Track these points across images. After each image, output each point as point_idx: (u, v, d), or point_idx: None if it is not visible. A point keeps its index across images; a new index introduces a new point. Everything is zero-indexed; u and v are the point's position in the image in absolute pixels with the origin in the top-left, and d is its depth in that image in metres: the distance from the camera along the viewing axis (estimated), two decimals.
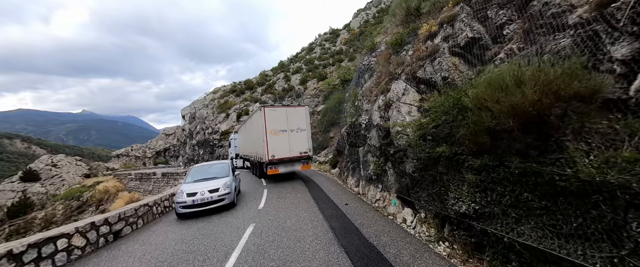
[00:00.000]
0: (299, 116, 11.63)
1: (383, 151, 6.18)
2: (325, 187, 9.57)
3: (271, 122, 10.76)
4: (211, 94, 40.01)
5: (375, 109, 6.48)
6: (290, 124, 11.20)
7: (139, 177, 26.53)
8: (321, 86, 31.72)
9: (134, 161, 52.92)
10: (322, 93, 30.53)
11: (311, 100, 30.32)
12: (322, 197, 7.99)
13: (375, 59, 8.09)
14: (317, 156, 21.64)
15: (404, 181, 5.23)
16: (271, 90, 37.07)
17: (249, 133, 14.80)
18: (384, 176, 6.38)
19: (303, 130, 11.61)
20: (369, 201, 7.24)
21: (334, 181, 10.98)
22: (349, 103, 10.42)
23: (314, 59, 41.14)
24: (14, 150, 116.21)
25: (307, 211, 6.58)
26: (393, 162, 5.76)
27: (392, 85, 6.15)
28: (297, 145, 11.32)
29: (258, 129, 11.38)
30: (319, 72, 35.54)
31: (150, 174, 25.28)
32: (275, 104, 33.38)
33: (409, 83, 6.01)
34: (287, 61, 43.94)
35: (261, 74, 42.24)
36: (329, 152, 20.33)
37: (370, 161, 7.32)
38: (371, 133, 6.84)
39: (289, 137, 11.11)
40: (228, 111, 35.01)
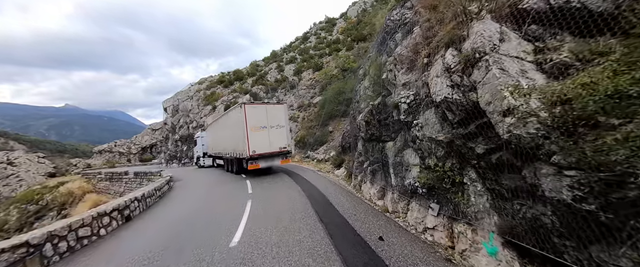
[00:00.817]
0: (278, 113, 11.93)
1: (456, 148, 3.40)
2: (335, 198, 6.80)
3: (252, 119, 10.88)
4: (196, 85, 36.32)
5: (436, 74, 3.67)
6: (270, 120, 11.43)
7: (109, 177, 23.02)
8: (317, 76, 28.76)
9: (117, 157, 48.57)
10: (318, 84, 27.61)
11: (306, 92, 27.38)
12: (334, 219, 5.18)
13: (414, 7, 5.27)
14: (314, 152, 18.81)
15: (528, 214, 2.49)
16: (263, 81, 33.80)
17: (223, 130, 14.51)
18: (451, 193, 3.61)
19: (282, 127, 11.87)
20: (413, 228, 4.51)
21: (342, 188, 8.21)
22: (366, 82, 7.61)
23: (309, 49, 38.00)
24: None
25: (318, 255, 3.80)
26: (485, 171, 3.01)
27: (475, 28, 3.35)
28: (277, 140, 11.62)
29: (238, 125, 11.34)
30: (314, 62, 32.52)
31: (121, 173, 21.85)
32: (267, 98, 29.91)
33: (506, 23, 3.25)
34: (280, 51, 40.58)
35: (252, 64, 38.79)
36: (329, 148, 17.53)
37: (412, 164, 4.58)
38: (423, 116, 4.04)
39: (269, 133, 11.35)
40: (215, 103, 31.59)
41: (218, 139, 16.13)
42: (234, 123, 12.18)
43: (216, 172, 16.56)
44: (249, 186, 9.54)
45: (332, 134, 19.52)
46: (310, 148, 19.75)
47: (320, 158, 16.22)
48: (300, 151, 20.39)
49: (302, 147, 20.57)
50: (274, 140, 11.66)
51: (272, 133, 11.61)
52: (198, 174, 17.16)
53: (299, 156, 19.48)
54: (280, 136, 11.92)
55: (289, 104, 27.33)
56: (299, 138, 21.12)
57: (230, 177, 12.76)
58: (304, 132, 21.21)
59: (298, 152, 20.42)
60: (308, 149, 19.68)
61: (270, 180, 10.47)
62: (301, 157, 19.22)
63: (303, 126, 22.20)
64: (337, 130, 19.70)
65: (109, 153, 48.40)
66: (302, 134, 21.16)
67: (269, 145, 11.46)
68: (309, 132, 20.99)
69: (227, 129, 13.65)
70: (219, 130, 15.81)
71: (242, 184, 10.17)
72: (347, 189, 8.01)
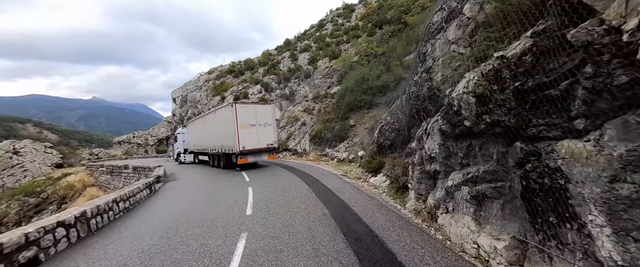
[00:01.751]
0: (267, 112, 12.62)
1: None
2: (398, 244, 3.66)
3: (242, 117, 11.42)
4: (206, 75, 33.99)
5: None
6: (258, 119, 12.00)
7: (110, 171, 21.07)
8: (335, 64, 25.47)
9: (135, 148, 48.08)
10: (336, 72, 24.34)
11: (323, 81, 24.19)
12: None
13: None
14: (333, 149, 15.70)
15: None
16: (275, 70, 30.90)
17: (210, 127, 14.67)
18: None
19: (270, 125, 12.52)
20: None
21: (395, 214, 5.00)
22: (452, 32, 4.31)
23: (324, 36, 34.58)
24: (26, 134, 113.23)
25: None
26: None
27: None
28: (265, 137, 12.21)
29: (228, 123, 11.75)
30: (331, 50, 29.17)
31: (121, 167, 19.78)
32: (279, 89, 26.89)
33: None
34: (294, 39, 37.42)
35: (264, 53, 35.93)
36: (353, 146, 14.35)
37: None
38: None
39: (258, 130, 11.91)
40: (224, 94, 29.09)
41: (203, 136, 15.83)
42: (224, 120, 12.39)
43: (206, 171, 13.97)
44: (249, 201, 6.57)
45: (354, 129, 16.32)
46: (328, 144, 16.67)
47: (342, 157, 13.10)
48: (316, 147, 17.35)
49: (318, 143, 17.52)
50: (262, 137, 12.20)
51: (260, 131, 12.12)
52: (190, 171, 14.61)
53: (315, 154, 16.44)
54: (267, 133, 12.47)
55: (303, 94, 24.32)
56: (314, 133, 18.05)
57: (226, 182, 9.93)
58: (321, 126, 18.10)
59: (313, 148, 17.40)
60: (325, 146, 16.60)
61: (280, 189, 7.49)
62: (317, 154, 16.18)
63: (319, 119, 19.10)
64: (360, 124, 16.48)
65: (127, 144, 47.76)
66: (319, 128, 18.06)
67: (258, 141, 11.99)
68: (326, 126, 17.87)
69: (215, 126, 13.74)
70: (204, 127, 15.62)
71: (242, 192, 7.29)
72: (405, 216, 4.85)
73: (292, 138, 19.23)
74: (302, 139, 18.56)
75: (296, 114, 21.50)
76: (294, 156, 17.77)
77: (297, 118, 20.86)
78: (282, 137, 20.12)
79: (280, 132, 21.09)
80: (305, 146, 18.00)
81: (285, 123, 21.75)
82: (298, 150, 18.06)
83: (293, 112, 22.29)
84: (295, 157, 17.41)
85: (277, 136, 13.01)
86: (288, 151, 18.65)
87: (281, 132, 20.96)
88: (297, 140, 18.81)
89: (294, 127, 20.24)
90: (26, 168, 23.77)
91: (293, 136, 19.32)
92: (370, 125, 15.03)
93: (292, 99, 24.75)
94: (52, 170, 25.53)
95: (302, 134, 18.97)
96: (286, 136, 19.91)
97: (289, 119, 21.80)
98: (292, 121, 21.06)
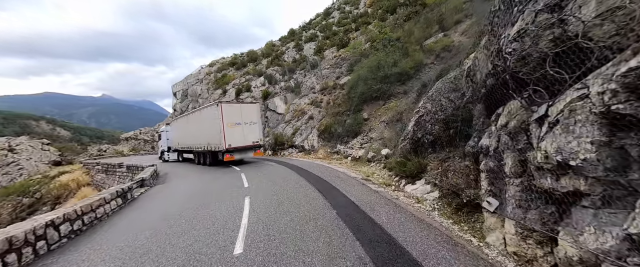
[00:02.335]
0: (252, 111, 12.97)
1: None
2: None
3: (228, 116, 11.70)
4: (207, 67, 32.10)
5: None
6: (244, 117, 12.35)
7: (105, 169, 19.57)
8: (344, 53, 23.23)
9: (142, 144, 47.22)
10: (345, 62, 22.13)
11: (331, 71, 22.02)
12: None
13: None
14: (345, 146, 13.68)
15: None
16: (279, 61, 28.79)
17: (195, 125, 14.67)
18: None
19: (255, 123, 12.86)
20: None
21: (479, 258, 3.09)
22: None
23: (331, 25, 32.16)
24: (40, 131, 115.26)
25: None
26: None
27: None
28: (251, 135, 12.54)
29: (214, 121, 11.92)
30: (339, 38, 26.85)
31: (115, 165, 18.21)
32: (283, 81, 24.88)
33: None
34: (299, 29, 35.11)
35: (267, 45, 33.76)
36: (368, 141, 12.31)
37: None
38: None
39: (243, 128, 12.23)
40: (225, 87, 27.21)
41: (189, 134, 15.68)
42: (209, 119, 12.54)
43: (198, 171, 12.29)
44: (242, 228, 4.64)
45: (369, 123, 14.24)
46: (340, 140, 14.65)
47: (358, 155, 11.08)
48: (326, 143, 15.35)
49: (328, 139, 15.51)
50: (248, 135, 12.43)
51: (246, 129, 12.34)
52: (182, 170, 12.85)
53: (325, 151, 14.46)
54: (253, 131, 12.69)
55: (309, 86, 22.24)
56: (323, 127, 16.02)
57: (221, 188, 8.03)
58: (330, 120, 16.05)
59: (323, 145, 15.41)
60: (336, 142, 14.59)
61: (286, 201, 5.53)
62: (327, 152, 14.19)
63: (328, 112, 17.03)
64: (374, 117, 14.39)
65: (134, 140, 46.82)
66: (328, 122, 16.02)
67: (244, 139, 12.23)
68: (336, 119, 15.81)
69: (201, 125, 13.78)
70: (189, 125, 15.52)
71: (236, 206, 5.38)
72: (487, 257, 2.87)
73: (298, 133, 17.25)
74: (310, 134, 16.57)
75: (302, 107, 19.47)
76: (300, 153, 15.84)
77: (303, 111, 18.84)
78: (287, 133, 18.18)
79: (285, 127, 19.15)
80: (313, 142, 16.02)
81: (291, 117, 19.76)
82: (305, 146, 16.10)
83: (299, 105, 20.26)
84: (302, 155, 15.48)
85: (262, 134, 13.11)
86: (294, 148, 16.72)
87: (286, 127, 19.01)
88: (304, 135, 16.83)
89: (300, 121, 18.25)
90: (22, 166, 22.49)
91: (299, 131, 17.34)
92: (388, 118, 12.94)
93: (297, 91, 22.69)
94: (50, 168, 24.29)
95: (310, 129, 16.97)
96: (292, 131, 17.95)
97: (294, 112, 19.79)
98: (298, 115, 19.06)
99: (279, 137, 17.81)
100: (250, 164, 12.93)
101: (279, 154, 17.22)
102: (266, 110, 23.30)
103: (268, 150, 18.84)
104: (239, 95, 25.93)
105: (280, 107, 22.13)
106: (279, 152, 17.48)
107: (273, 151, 18.02)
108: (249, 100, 20.24)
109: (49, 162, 24.75)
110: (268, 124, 22.41)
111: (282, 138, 17.68)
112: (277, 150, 17.73)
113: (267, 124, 22.47)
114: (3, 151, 22.82)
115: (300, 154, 15.59)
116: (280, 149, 17.53)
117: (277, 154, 17.47)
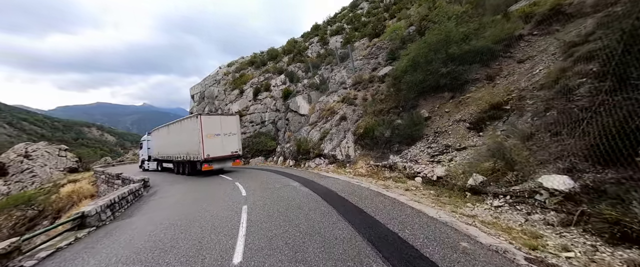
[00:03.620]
0: (231, 123, 13.03)
1: None
2: None
3: (207, 127, 11.85)
4: (225, 68, 29.39)
5: None
6: (223, 129, 12.47)
7: (106, 180, 16.92)
8: (380, 41, 18.76)
9: None
10: (381, 51, 17.62)
11: (365, 63, 17.59)
12: None
13: None
14: (400, 157, 9.09)
15: None
16: (301, 57, 25.03)
17: (176, 136, 14.56)
18: None
19: (234, 134, 12.89)
20: None
21: None
22: None
23: (360, 16, 27.91)
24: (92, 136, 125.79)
25: None
26: None
27: None
28: (230, 146, 12.59)
29: (193, 132, 12.22)
30: (371, 27, 22.44)
31: (114, 176, 15.37)
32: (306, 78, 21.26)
33: None
34: (323, 24, 31.32)
35: (289, 42, 30.33)
36: (441, 150, 7.59)
37: None
38: None
39: (222, 139, 12.36)
40: (243, 87, 23.97)
41: (169, 144, 15.60)
42: (189, 130, 12.78)
43: (185, 191, 8.19)
44: None
45: (433, 123, 9.54)
46: (388, 148, 10.09)
47: (433, 174, 6.44)
48: (367, 152, 10.84)
49: (369, 146, 10.99)
50: (227, 145, 12.48)
51: (225, 139, 12.44)
52: (168, 187, 9.06)
53: (366, 163, 9.95)
54: (232, 142, 12.73)
55: (338, 80, 17.96)
56: (361, 130, 11.55)
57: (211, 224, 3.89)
58: (371, 121, 11.53)
59: (363, 154, 10.91)
60: (384, 150, 10.03)
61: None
62: (371, 165, 9.65)
63: (367, 111, 12.56)
64: (439, 115, 9.66)
65: None
66: (368, 123, 11.51)
67: (222, 149, 12.29)
68: (380, 120, 11.28)
69: (181, 135, 13.82)
70: (170, 135, 15.47)
71: None
72: None
73: (328, 139, 12.93)
74: (343, 139, 12.17)
75: (331, 105, 15.21)
76: (332, 166, 11.47)
77: (332, 111, 14.56)
78: (313, 138, 13.96)
79: (309, 130, 14.99)
80: (348, 150, 11.60)
81: (317, 118, 15.58)
82: (338, 156, 11.72)
83: (326, 103, 16.04)
84: (335, 168, 11.10)
85: (241, 144, 13.36)
86: (323, 158, 12.42)
87: (311, 130, 14.84)
88: (335, 141, 12.48)
89: (330, 123, 13.96)
90: (35, 173, 20.86)
91: (329, 136, 13.01)
92: (472, 115, 8.16)
93: (323, 88, 18.56)
94: (64, 175, 22.66)
95: (342, 133, 12.59)
96: (319, 135, 13.69)
97: (321, 112, 15.59)
98: (325, 115, 14.82)
99: (302, 144, 13.65)
100: (262, 184, 8.83)
101: (303, 166, 13.01)
102: (287, 111, 19.42)
103: (288, 159, 14.76)
104: (257, 96, 22.46)
105: (303, 107, 18.11)
106: (302, 163, 13.28)
107: (295, 161, 13.89)
108: (231, 113, 19.96)
109: (64, 169, 23.13)
110: (289, 127, 18.45)
111: (306, 145, 13.50)
112: (300, 160, 13.56)
113: (288, 128, 18.52)
114: (19, 157, 21.48)
115: (332, 167, 11.22)
116: (304, 158, 13.33)
117: (300, 165, 13.28)
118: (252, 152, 18.66)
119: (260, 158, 18.31)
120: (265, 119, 20.85)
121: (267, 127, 20.34)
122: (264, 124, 20.63)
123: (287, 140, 17.29)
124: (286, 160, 15.08)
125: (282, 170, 12.29)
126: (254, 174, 11.40)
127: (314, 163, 12.48)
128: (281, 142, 18.13)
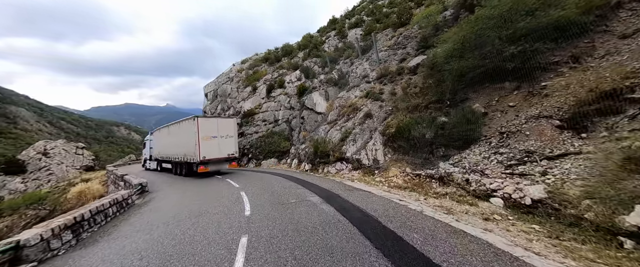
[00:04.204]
0: (228, 125, 12.94)
1: None
2: None
3: (203, 130, 11.75)
4: (239, 65, 28.21)
5: None
6: (220, 131, 12.34)
7: (114, 181, 16.02)
8: (407, 30, 16.47)
9: None
10: (409, 40, 15.34)
11: (391, 53, 15.36)
12: None
13: None
14: (452, 164, 6.87)
15: None
16: (317, 52, 23.15)
17: (174, 137, 14.58)
18: None
19: (231, 137, 12.77)
20: None
21: None
22: None
23: (381, 7, 25.56)
24: (120, 135, 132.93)
25: None
26: None
27: None
28: (226, 148, 12.46)
29: (190, 134, 12.11)
30: (396, 16, 20.10)
31: (119, 177, 14.33)
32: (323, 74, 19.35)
33: None
34: (340, 17, 29.28)
35: (305, 37, 28.58)
36: (525, 157, 5.20)
37: None
38: None
39: (219, 142, 12.23)
40: (256, 84, 22.51)
41: (168, 145, 15.45)
42: (186, 132, 12.69)
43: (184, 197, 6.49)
44: None
45: (493, 121, 7.21)
46: (430, 152, 7.88)
47: (527, 197, 4.19)
48: (401, 157, 8.66)
49: (403, 150, 8.80)
50: (224, 147, 12.37)
51: (221, 142, 12.31)
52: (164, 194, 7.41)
53: (402, 171, 7.80)
54: (229, 144, 12.60)
55: (360, 74, 15.83)
56: (392, 130, 9.36)
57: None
58: (403, 119, 9.31)
59: (394, 159, 8.75)
60: (430, 157, 7.83)
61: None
62: (408, 174, 7.48)
63: (398, 107, 10.36)
64: (501, 110, 7.26)
65: None
66: (400, 121, 9.29)
67: (219, 152, 12.17)
68: (415, 117, 9.04)
69: (179, 137, 13.74)
70: (170, 136, 15.19)
71: None
72: None
73: (350, 140, 10.87)
74: (370, 141, 10.07)
75: (353, 101, 13.15)
76: (357, 173, 9.40)
77: (355, 107, 12.50)
78: (333, 138, 11.96)
79: (328, 129, 13.02)
80: (375, 154, 9.48)
81: (336, 116, 13.58)
82: (363, 161, 9.64)
83: (347, 99, 14.00)
84: (360, 175, 9.03)
85: (237, 147, 13.09)
86: (345, 162, 10.39)
87: (330, 129, 12.86)
88: (360, 142, 10.40)
89: (352, 121, 11.90)
90: (52, 171, 20.62)
91: (352, 136, 10.95)
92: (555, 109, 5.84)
93: (342, 83, 16.54)
94: (80, 173, 22.41)
95: (368, 133, 10.49)
96: (340, 135, 11.67)
97: (341, 109, 13.58)
98: (347, 112, 12.77)
99: (320, 145, 11.70)
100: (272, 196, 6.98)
101: (321, 171, 11.06)
102: (302, 109, 17.60)
103: (304, 162, 12.89)
104: (270, 93, 20.86)
105: (320, 105, 16.19)
106: (320, 167, 11.33)
107: (312, 165, 11.97)
108: (227, 115, 19.54)
109: (80, 167, 22.89)
110: (304, 127, 16.61)
111: (325, 146, 11.53)
112: (317, 164, 11.61)
113: (303, 127, 16.68)
114: (38, 154, 21.42)
115: (357, 174, 9.16)
116: (322, 162, 11.36)
117: (318, 170, 11.34)
118: (264, 153, 17.02)
119: (273, 160, 16.62)
120: (278, 118, 19.17)
121: (280, 126, 18.63)
122: (278, 123, 18.94)
123: (302, 140, 15.45)
124: (301, 163, 13.22)
125: (297, 176, 10.41)
126: (265, 181, 9.61)
127: (334, 168, 10.49)
128: (295, 143, 16.32)
